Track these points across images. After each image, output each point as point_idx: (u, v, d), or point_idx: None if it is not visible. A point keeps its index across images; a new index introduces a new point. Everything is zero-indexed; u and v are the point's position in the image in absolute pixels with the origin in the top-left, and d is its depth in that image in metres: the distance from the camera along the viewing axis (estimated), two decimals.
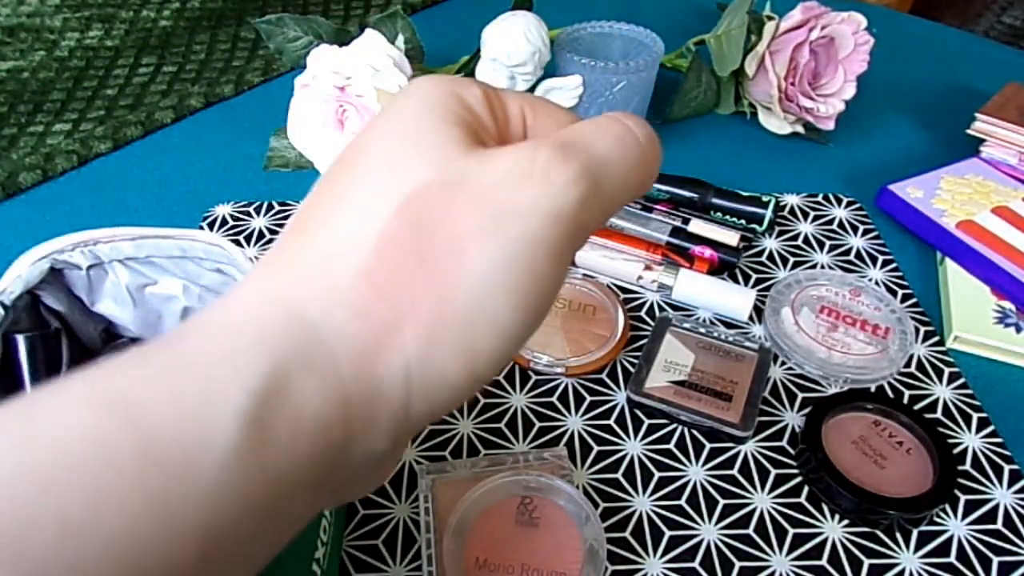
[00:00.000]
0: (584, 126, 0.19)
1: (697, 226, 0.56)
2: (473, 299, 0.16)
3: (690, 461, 0.43)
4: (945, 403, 0.47)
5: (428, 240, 0.17)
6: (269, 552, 0.16)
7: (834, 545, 0.40)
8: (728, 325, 0.52)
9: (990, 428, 0.45)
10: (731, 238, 0.55)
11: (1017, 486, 0.43)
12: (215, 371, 0.15)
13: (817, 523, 0.41)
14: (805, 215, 0.61)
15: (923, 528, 0.40)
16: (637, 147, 0.19)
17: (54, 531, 0.12)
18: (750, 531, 0.40)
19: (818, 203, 0.63)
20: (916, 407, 0.46)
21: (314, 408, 0.15)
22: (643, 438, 0.44)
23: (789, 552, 0.39)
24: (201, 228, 0.59)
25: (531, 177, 0.17)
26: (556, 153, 0.17)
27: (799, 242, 0.59)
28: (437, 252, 0.16)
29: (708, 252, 0.54)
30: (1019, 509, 0.41)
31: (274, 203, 0.62)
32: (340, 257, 0.17)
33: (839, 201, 0.63)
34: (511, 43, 0.57)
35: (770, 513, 0.41)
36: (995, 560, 0.39)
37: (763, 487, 0.42)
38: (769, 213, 0.57)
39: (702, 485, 0.42)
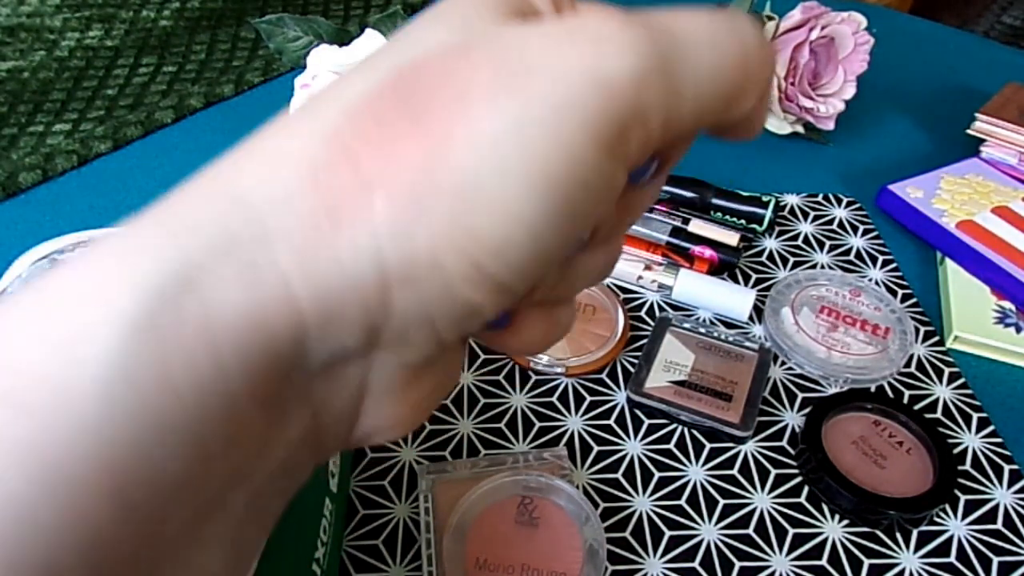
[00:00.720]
0: (666, 13, 0.14)
1: (697, 226, 0.56)
2: (473, 164, 0.12)
3: (690, 461, 0.43)
4: (945, 403, 0.47)
5: (423, 95, 0.13)
6: (233, 493, 0.13)
7: (834, 545, 0.40)
8: (728, 325, 0.52)
9: (990, 428, 0.45)
10: (731, 238, 0.55)
11: (1017, 486, 0.43)
12: (96, 279, 0.12)
13: (817, 523, 0.41)
14: (805, 215, 0.61)
15: (923, 528, 0.40)
16: (736, 37, 0.14)
17: None
18: (750, 531, 0.40)
19: (818, 203, 0.63)
20: (916, 407, 0.46)
21: (241, 303, 0.12)
22: (643, 438, 0.44)
23: (789, 552, 0.39)
24: None
25: (574, 37, 0.13)
26: (613, 18, 0.13)
27: (799, 242, 0.59)
28: (434, 107, 0.13)
29: (708, 252, 0.54)
30: (1019, 509, 0.41)
31: None
32: (304, 122, 0.13)
33: (839, 201, 0.63)
34: None
35: (770, 513, 0.41)
36: (995, 560, 0.39)
37: (763, 487, 0.42)
38: (769, 213, 0.57)
39: (702, 485, 0.42)
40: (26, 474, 0.10)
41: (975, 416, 0.46)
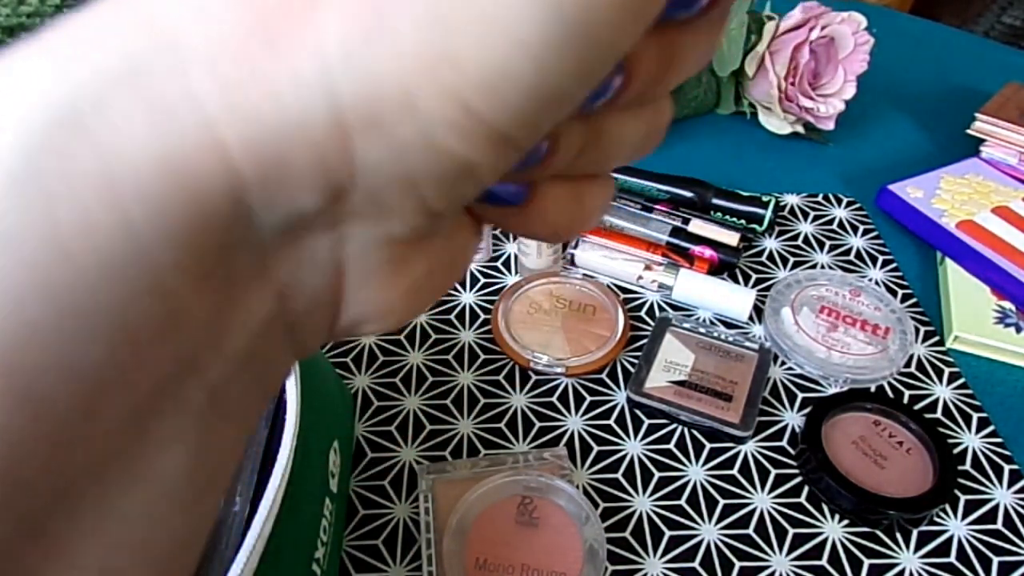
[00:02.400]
0: None
1: (697, 226, 0.56)
2: None
3: (690, 461, 0.43)
4: (945, 403, 0.47)
5: None
6: (197, 392, 0.11)
7: (834, 545, 0.40)
8: (728, 325, 0.52)
9: (990, 428, 0.45)
10: (731, 238, 0.55)
11: (1017, 486, 0.43)
12: None
13: (817, 523, 0.41)
14: (805, 215, 0.61)
15: (923, 528, 0.40)
16: None
17: None
18: (750, 531, 0.40)
19: (818, 203, 0.63)
20: (916, 407, 0.46)
21: (143, 147, 0.09)
22: (643, 438, 0.44)
23: (789, 552, 0.39)
24: None
25: None
26: None
27: (799, 242, 0.59)
28: None
29: (708, 252, 0.54)
30: (1019, 509, 0.41)
31: None
32: None
33: (839, 201, 0.63)
34: None
35: (770, 513, 0.41)
36: (995, 560, 0.39)
37: (763, 487, 0.42)
38: (769, 213, 0.57)
39: (702, 485, 0.42)
40: None
41: (975, 416, 0.46)
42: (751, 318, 0.52)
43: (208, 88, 0.09)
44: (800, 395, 0.47)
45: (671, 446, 0.44)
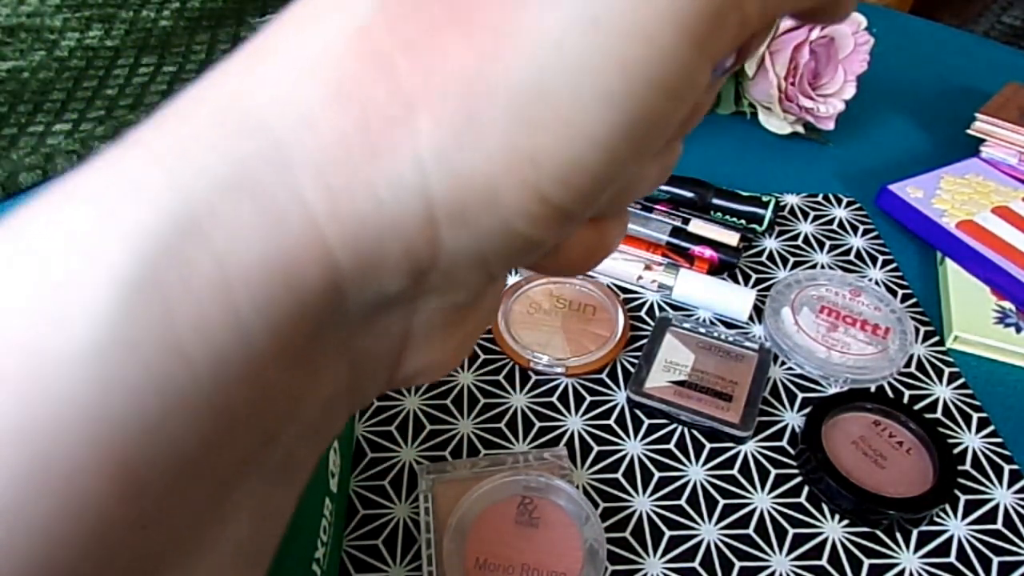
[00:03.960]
0: None
1: (697, 226, 0.56)
2: (536, 71, 0.10)
3: (690, 461, 0.43)
4: (945, 403, 0.47)
5: None
6: (265, 461, 0.12)
7: (834, 545, 0.40)
8: (728, 325, 0.52)
9: (990, 428, 0.45)
10: (731, 238, 0.55)
11: (1017, 486, 0.43)
12: (83, 228, 0.10)
13: (817, 523, 0.41)
14: (805, 215, 0.61)
15: (923, 528, 0.40)
16: None
17: None
18: (750, 531, 0.40)
19: (818, 203, 0.63)
20: (916, 407, 0.46)
21: (259, 249, 0.10)
22: (643, 438, 0.44)
23: (789, 552, 0.39)
24: None
25: None
26: None
27: (799, 242, 0.59)
28: (482, 4, 0.10)
29: (708, 252, 0.54)
30: (1019, 509, 0.41)
31: None
32: (323, 20, 0.11)
33: (839, 201, 0.63)
34: None
35: (770, 513, 0.41)
36: (995, 560, 0.39)
37: (763, 487, 0.42)
38: (769, 213, 0.57)
39: (702, 485, 0.42)
40: (7, 460, 0.09)
41: (975, 416, 0.46)
42: (751, 318, 0.52)
43: (315, 194, 0.10)
44: (800, 395, 0.47)
45: (671, 446, 0.44)
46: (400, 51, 0.10)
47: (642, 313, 0.52)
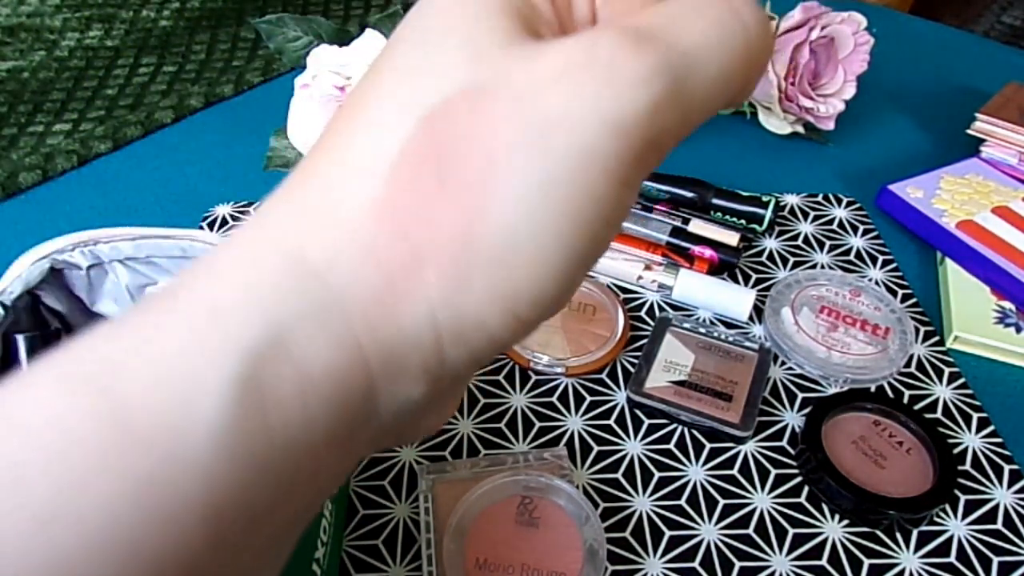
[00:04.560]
0: (671, 5, 0.14)
1: (697, 226, 0.56)
2: (507, 230, 0.13)
3: (690, 461, 0.43)
4: (945, 403, 0.47)
5: (454, 160, 0.13)
6: (302, 518, 0.15)
7: (834, 545, 0.40)
8: (728, 325, 0.52)
9: (990, 428, 0.45)
10: (731, 238, 0.55)
11: (1017, 486, 0.43)
12: (199, 333, 0.13)
13: (817, 523, 0.41)
14: (805, 215, 0.61)
15: (923, 528, 0.40)
16: (742, 35, 0.14)
17: (28, 526, 0.11)
18: (750, 531, 0.40)
19: (818, 203, 0.63)
20: (916, 407, 0.46)
21: (323, 363, 0.13)
22: (643, 438, 0.44)
23: (789, 552, 0.39)
24: (201, 228, 0.59)
25: (588, 74, 0.13)
26: (625, 41, 0.13)
27: (799, 242, 0.59)
28: (464, 174, 0.13)
29: (708, 252, 0.54)
30: (1019, 509, 0.41)
31: None
32: (348, 187, 0.14)
33: (839, 201, 0.63)
34: None
35: (770, 513, 0.41)
36: (995, 560, 0.39)
37: (763, 487, 0.42)
38: (769, 213, 0.57)
39: (702, 485, 0.42)
40: (137, 503, 0.12)
41: (975, 416, 0.46)
42: (751, 318, 0.52)
43: (360, 326, 0.14)
44: (800, 395, 0.47)
45: (671, 446, 0.44)
46: (409, 218, 0.14)
47: (642, 313, 0.52)
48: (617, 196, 0.14)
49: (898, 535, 0.40)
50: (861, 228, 0.60)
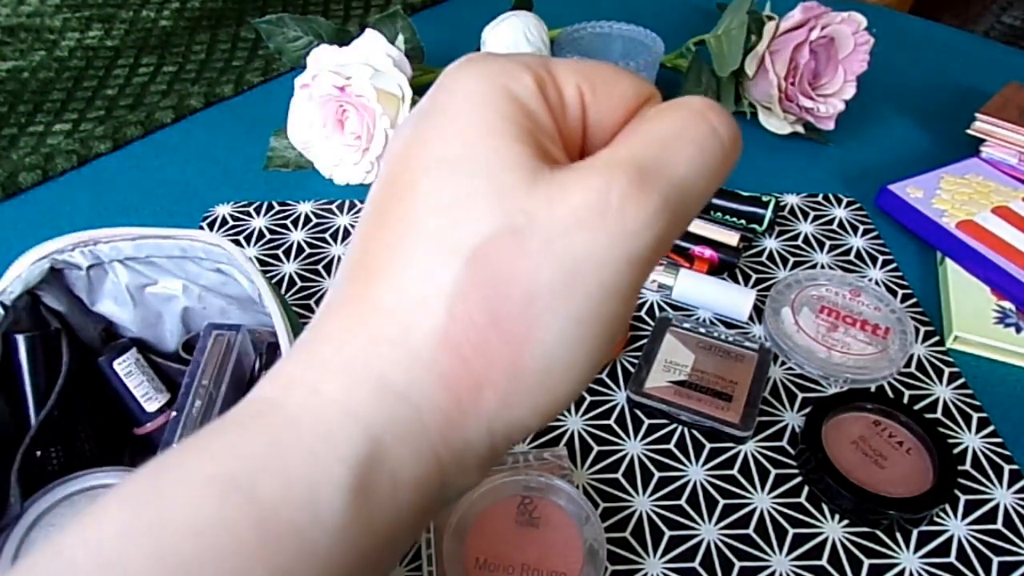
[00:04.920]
0: (663, 134, 0.17)
1: (697, 226, 0.56)
2: (548, 359, 0.16)
3: (690, 461, 0.43)
4: (945, 403, 0.47)
5: (501, 300, 0.16)
6: None
7: (834, 545, 0.40)
8: (728, 325, 0.52)
9: (990, 428, 0.45)
10: (731, 238, 0.55)
11: (1017, 486, 0.43)
12: (316, 449, 0.16)
13: (817, 523, 0.41)
14: (805, 215, 0.61)
15: (923, 528, 0.40)
16: (720, 152, 0.18)
17: None
18: (750, 531, 0.40)
19: (818, 203, 0.63)
20: (916, 407, 0.46)
21: (410, 471, 0.16)
22: (643, 438, 0.44)
23: (789, 552, 0.39)
24: (201, 228, 0.59)
25: (605, 218, 0.16)
26: (632, 185, 0.16)
27: (799, 242, 0.59)
28: (510, 313, 0.16)
29: (708, 252, 0.54)
30: (1019, 509, 0.41)
31: (274, 203, 0.62)
32: (415, 321, 0.17)
33: (839, 201, 0.63)
34: (511, 43, 0.57)
35: (770, 513, 0.41)
36: (995, 560, 0.39)
37: (763, 487, 0.42)
38: (769, 213, 0.57)
39: (702, 485, 0.42)
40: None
41: (975, 416, 0.46)
42: (751, 318, 0.52)
43: (438, 440, 0.17)
44: (800, 395, 0.47)
45: (671, 446, 0.44)
46: (469, 349, 0.16)
47: (642, 313, 0.52)
48: (626, 309, 0.17)
49: (898, 535, 0.40)
50: (861, 228, 0.60)
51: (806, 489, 0.42)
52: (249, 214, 0.61)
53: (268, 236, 0.59)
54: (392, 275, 0.17)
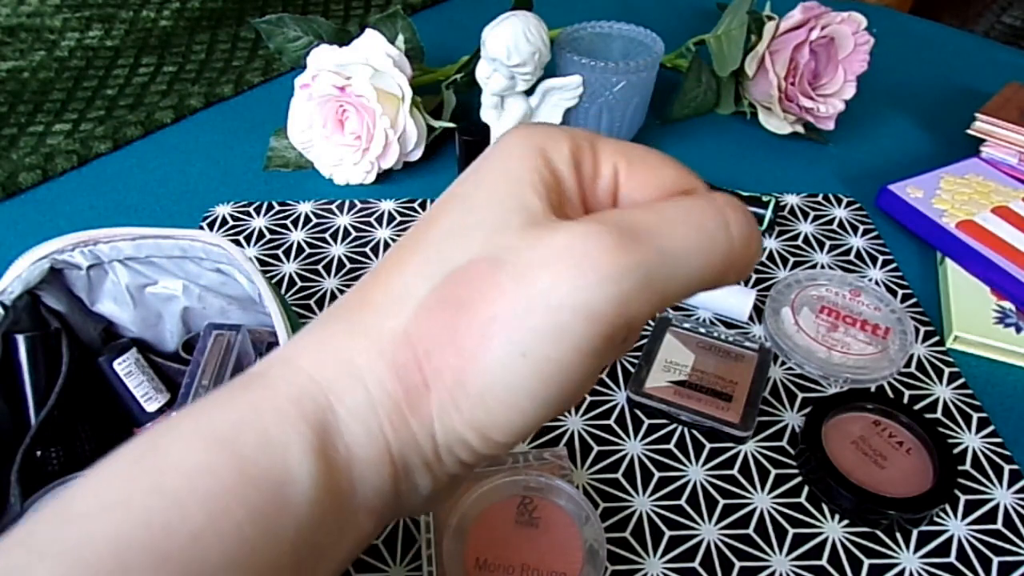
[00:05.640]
0: (669, 208, 0.18)
1: None
2: (490, 380, 0.17)
3: (690, 461, 0.43)
4: (945, 403, 0.47)
5: (464, 316, 0.17)
6: (342, 564, 0.19)
7: (834, 545, 0.40)
8: (728, 325, 0.52)
9: (990, 428, 0.45)
10: None
11: (1017, 486, 0.43)
12: (286, 409, 0.17)
13: (817, 523, 0.41)
14: (805, 215, 0.61)
15: (923, 528, 0.40)
16: (725, 244, 0.18)
17: (186, 538, 0.15)
18: (750, 531, 0.40)
19: (818, 203, 0.63)
20: (916, 407, 0.46)
21: (363, 447, 0.18)
22: (643, 438, 0.44)
23: (789, 552, 0.39)
24: (201, 228, 0.59)
25: (575, 263, 0.16)
26: (613, 238, 0.17)
27: (799, 242, 0.59)
28: (468, 330, 0.17)
29: None
30: (1019, 509, 0.41)
31: (274, 203, 0.62)
32: (387, 313, 0.18)
33: (839, 201, 0.63)
34: (511, 43, 0.57)
35: (770, 513, 0.41)
36: (995, 560, 0.39)
37: (763, 487, 0.42)
38: (769, 213, 0.57)
39: (702, 485, 0.42)
40: (253, 525, 0.16)
41: (975, 416, 0.46)
42: (751, 318, 0.52)
43: (387, 427, 0.18)
44: (800, 395, 0.47)
45: (671, 446, 0.44)
46: (423, 352, 0.18)
47: None
48: (584, 366, 0.17)
49: (898, 535, 0.40)
50: (861, 228, 0.60)
51: (806, 489, 0.42)
52: (249, 214, 0.61)
53: (268, 236, 0.59)
54: (388, 280, 0.19)
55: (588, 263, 0.16)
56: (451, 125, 0.64)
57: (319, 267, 0.56)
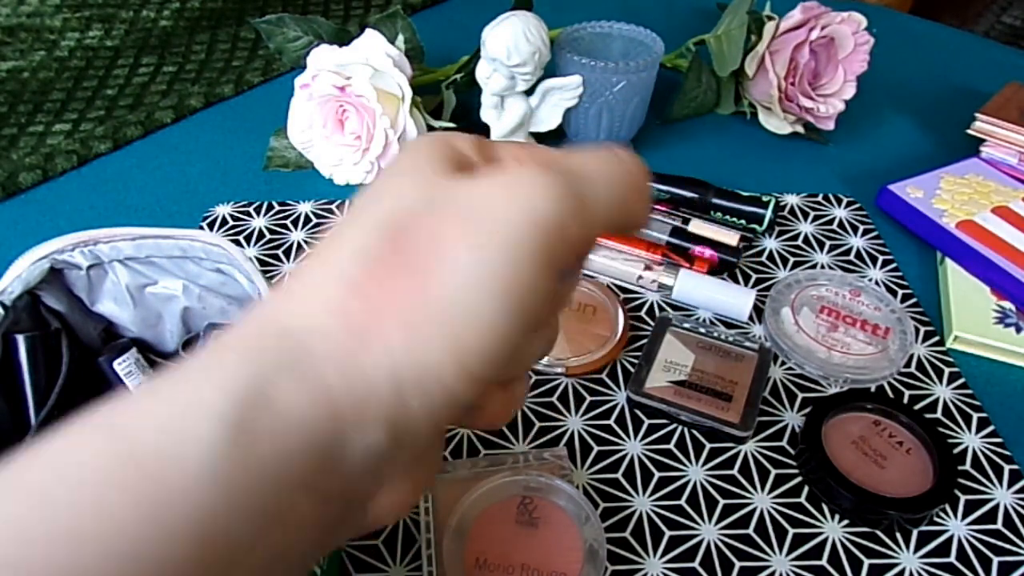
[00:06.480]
0: (572, 152, 0.20)
1: (697, 226, 0.56)
2: (454, 295, 0.17)
3: (690, 461, 0.43)
4: (945, 403, 0.47)
5: (411, 247, 0.17)
6: (280, 563, 0.17)
7: (834, 545, 0.40)
8: (728, 325, 0.52)
9: (990, 428, 0.45)
10: (731, 238, 0.55)
11: (1017, 486, 0.43)
12: (195, 385, 0.16)
13: (817, 523, 0.41)
14: (805, 215, 0.61)
15: (923, 528, 0.40)
16: (619, 164, 0.20)
17: (65, 538, 0.14)
18: (750, 531, 0.40)
19: (818, 203, 0.63)
20: (916, 407, 0.46)
21: (298, 408, 0.16)
22: (643, 438, 0.44)
23: (789, 552, 0.39)
24: (201, 228, 0.59)
25: (510, 186, 0.18)
26: (536, 166, 0.18)
27: (799, 242, 0.59)
28: (419, 256, 0.17)
29: (708, 252, 0.54)
30: (1019, 509, 0.41)
31: (274, 203, 0.62)
32: (323, 272, 0.18)
33: (839, 201, 0.63)
34: (511, 43, 0.57)
35: (770, 513, 0.41)
36: (995, 560, 0.39)
37: (763, 487, 0.42)
38: (769, 213, 0.57)
39: (702, 485, 0.42)
40: (141, 519, 0.14)
41: (975, 416, 0.46)
42: (751, 318, 0.52)
43: (332, 375, 0.16)
44: (800, 395, 0.47)
45: (671, 446, 0.44)
46: (372, 286, 0.17)
47: (642, 313, 0.52)
48: (537, 277, 0.17)
49: (898, 535, 0.40)
50: (861, 228, 0.60)
51: (806, 489, 0.42)
52: (249, 214, 0.61)
53: (268, 236, 0.59)
54: (320, 250, 0.19)
55: (530, 183, 0.18)
56: (451, 125, 0.64)
57: None
